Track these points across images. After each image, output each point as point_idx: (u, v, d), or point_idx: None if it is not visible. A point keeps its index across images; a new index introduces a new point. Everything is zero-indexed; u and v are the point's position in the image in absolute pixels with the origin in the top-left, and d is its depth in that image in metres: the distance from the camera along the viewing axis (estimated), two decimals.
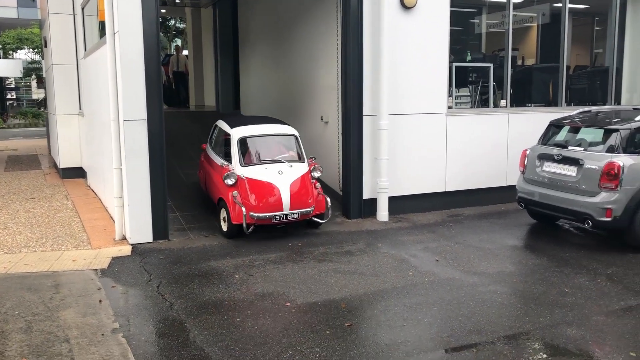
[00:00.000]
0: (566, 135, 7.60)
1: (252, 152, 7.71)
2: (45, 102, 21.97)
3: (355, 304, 5.30)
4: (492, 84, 9.53)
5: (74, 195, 10.49)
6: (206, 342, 4.51)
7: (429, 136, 8.84)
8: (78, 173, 12.25)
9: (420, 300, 5.37)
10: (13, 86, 44.38)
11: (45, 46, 13.69)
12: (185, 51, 20.11)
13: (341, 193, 8.86)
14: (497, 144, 9.41)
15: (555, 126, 7.84)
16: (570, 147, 7.31)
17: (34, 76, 36.88)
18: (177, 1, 17.04)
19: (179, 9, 18.81)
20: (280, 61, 11.59)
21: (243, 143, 7.70)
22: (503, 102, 9.62)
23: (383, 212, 8.43)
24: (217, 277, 6.01)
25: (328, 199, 7.72)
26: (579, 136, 7.44)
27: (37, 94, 41.77)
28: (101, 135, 8.94)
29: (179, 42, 34.23)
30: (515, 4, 9.66)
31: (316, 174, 7.74)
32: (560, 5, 10.07)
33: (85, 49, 10.80)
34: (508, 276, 6.07)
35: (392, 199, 8.48)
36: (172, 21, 34.11)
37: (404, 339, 4.57)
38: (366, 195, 8.49)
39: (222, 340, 4.55)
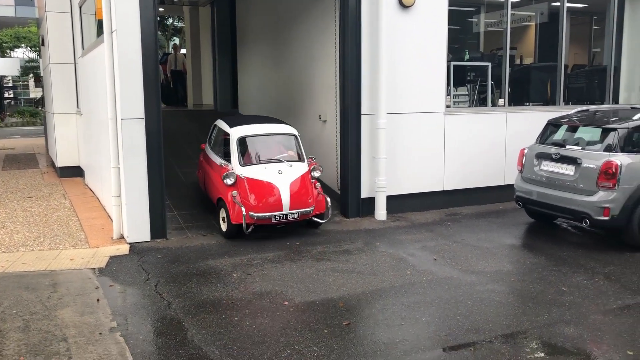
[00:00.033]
0: (564, 134, 7.62)
1: (251, 152, 7.69)
2: (42, 101, 21.94)
3: (353, 303, 5.30)
4: (490, 83, 9.53)
5: (71, 194, 10.48)
6: (204, 341, 4.51)
7: (427, 135, 8.84)
8: (76, 172, 12.24)
9: (418, 299, 5.37)
10: (10, 85, 44.33)
11: (43, 45, 13.65)
12: (183, 50, 20.08)
13: (339, 192, 8.87)
14: (495, 143, 9.42)
15: (553, 125, 7.85)
16: (568, 146, 7.32)
17: (32, 75, 36.89)
18: (175, 0, 17.01)
19: (176, 7, 18.79)
20: (279, 60, 11.57)
21: (242, 142, 7.68)
22: (501, 101, 9.63)
23: (381, 211, 8.43)
24: (215, 276, 6.00)
25: (328, 198, 7.71)
26: (576, 135, 7.46)
27: (35, 92, 41.75)
28: (99, 133, 8.92)
29: (177, 40, 34.23)
30: (513, 2, 9.66)
31: (316, 174, 7.72)
32: (559, 4, 10.07)
33: (83, 48, 10.79)
34: (506, 275, 6.07)
35: (390, 198, 8.49)
36: (170, 20, 34.13)
37: (401, 337, 4.57)
38: (364, 194, 8.50)
39: (220, 339, 4.55)
